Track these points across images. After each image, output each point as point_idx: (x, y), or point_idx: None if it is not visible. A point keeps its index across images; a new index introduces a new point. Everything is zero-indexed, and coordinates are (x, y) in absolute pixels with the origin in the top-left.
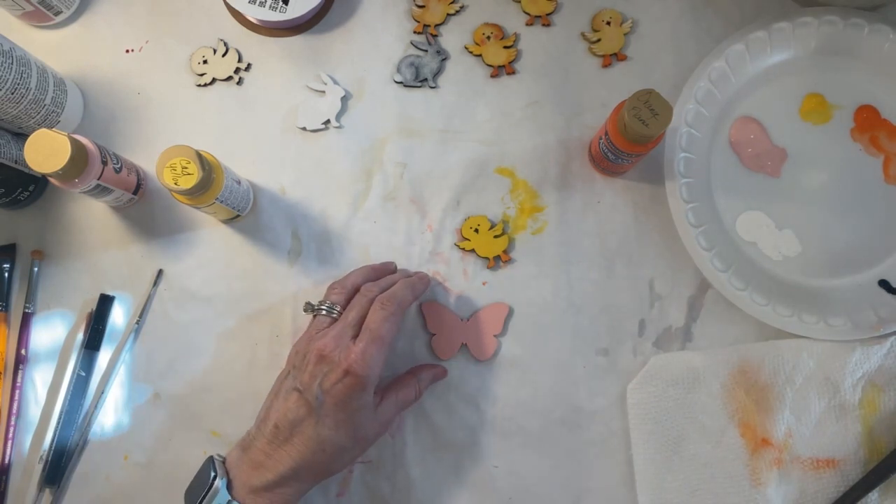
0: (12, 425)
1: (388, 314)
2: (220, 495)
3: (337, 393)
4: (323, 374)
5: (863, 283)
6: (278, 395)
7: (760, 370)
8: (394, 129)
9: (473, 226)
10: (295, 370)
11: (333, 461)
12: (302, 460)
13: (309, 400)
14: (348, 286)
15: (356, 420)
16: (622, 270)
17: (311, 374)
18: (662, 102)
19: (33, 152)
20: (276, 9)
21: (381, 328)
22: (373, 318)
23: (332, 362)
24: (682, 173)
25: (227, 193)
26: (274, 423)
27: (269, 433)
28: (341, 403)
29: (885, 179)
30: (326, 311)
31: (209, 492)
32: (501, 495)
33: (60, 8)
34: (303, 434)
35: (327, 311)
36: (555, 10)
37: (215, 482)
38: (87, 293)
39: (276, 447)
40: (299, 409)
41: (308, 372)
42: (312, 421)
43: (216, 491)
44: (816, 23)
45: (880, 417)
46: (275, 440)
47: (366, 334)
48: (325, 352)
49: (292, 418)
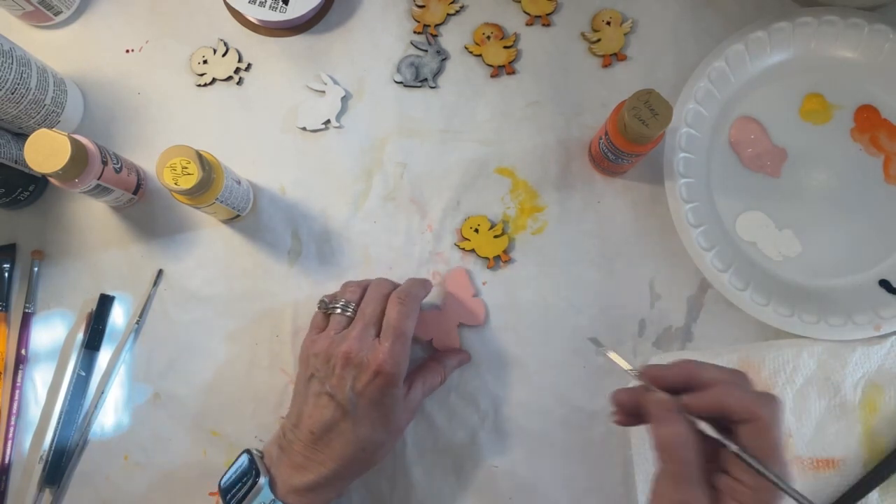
0: (12, 425)
1: (408, 310)
2: (263, 493)
3: (370, 394)
4: (353, 376)
5: (863, 283)
6: (307, 400)
7: (761, 370)
8: (394, 129)
9: (473, 226)
10: (320, 374)
11: (374, 457)
12: (343, 461)
13: (342, 403)
14: (362, 285)
15: (390, 416)
16: (622, 270)
17: (340, 377)
18: (662, 102)
19: (33, 152)
20: (276, 9)
21: (403, 324)
22: (393, 315)
23: (361, 364)
24: (681, 173)
25: (227, 193)
26: (309, 429)
27: (305, 438)
28: (375, 402)
29: (885, 179)
30: (341, 309)
31: (252, 489)
32: (501, 495)
33: (60, 8)
34: (341, 437)
35: (342, 309)
36: (555, 10)
37: (259, 480)
38: (87, 293)
39: (316, 451)
40: (334, 413)
41: (336, 375)
42: (349, 424)
43: (259, 489)
44: (816, 23)
45: (880, 417)
46: (313, 444)
47: (389, 332)
48: (352, 354)
49: (328, 423)
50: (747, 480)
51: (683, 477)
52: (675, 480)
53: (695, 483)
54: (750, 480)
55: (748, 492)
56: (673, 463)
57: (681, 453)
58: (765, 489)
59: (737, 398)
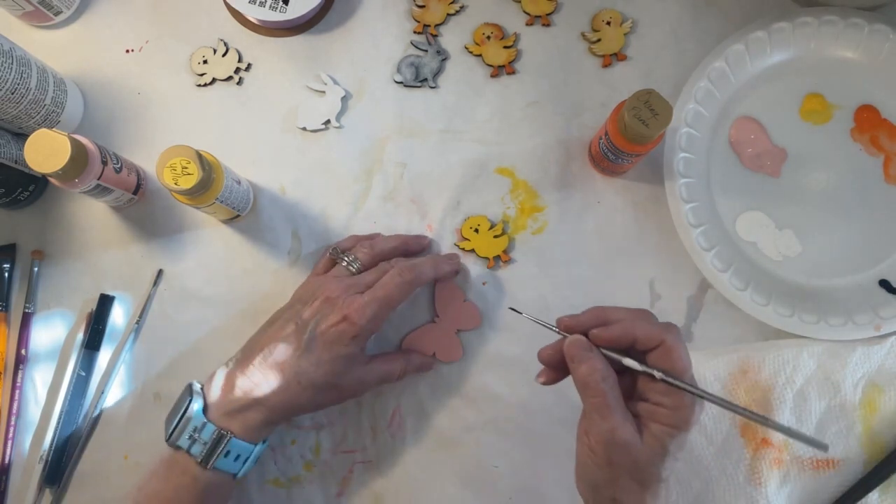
0: (12, 425)
1: (403, 281)
2: (195, 418)
3: (329, 335)
4: (323, 313)
5: (863, 283)
6: (274, 324)
7: (761, 370)
8: (394, 129)
9: (473, 226)
10: (299, 304)
11: (303, 397)
12: (276, 386)
13: (301, 334)
14: (376, 251)
15: (337, 366)
16: (622, 270)
17: (313, 310)
18: (662, 102)
19: (33, 152)
20: (276, 9)
21: (390, 291)
22: (386, 280)
23: (335, 306)
24: (681, 173)
25: (227, 193)
26: (262, 347)
27: (254, 357)
28: (329, 344)
29: (885, 179)
30: (347, 263)
31: (184, 415)
32: (501, 495)
33: (60, 8)
34: (285, 363)
35: (348, 263)
36: (555, 10)
37: (191, 405)
38: (87, 293)
39: (257, 371)
40: (291, 339)
41: (311, 308)
42: (297, 353)
43: (192, 414)
44: (816, 23)
45: (880, 417)
46: (258, 364)
47: (373, 291)
48: (332, 296)
49: (280, 347)
50: (666, 402)
51: (606, 407)
52: (599, 412)
53: (617, 411)
54: (668, 401)
55: (667, 412)
56: (594, 396)
57: (600, 386)
58: (681, 407)
59: (643, 328)
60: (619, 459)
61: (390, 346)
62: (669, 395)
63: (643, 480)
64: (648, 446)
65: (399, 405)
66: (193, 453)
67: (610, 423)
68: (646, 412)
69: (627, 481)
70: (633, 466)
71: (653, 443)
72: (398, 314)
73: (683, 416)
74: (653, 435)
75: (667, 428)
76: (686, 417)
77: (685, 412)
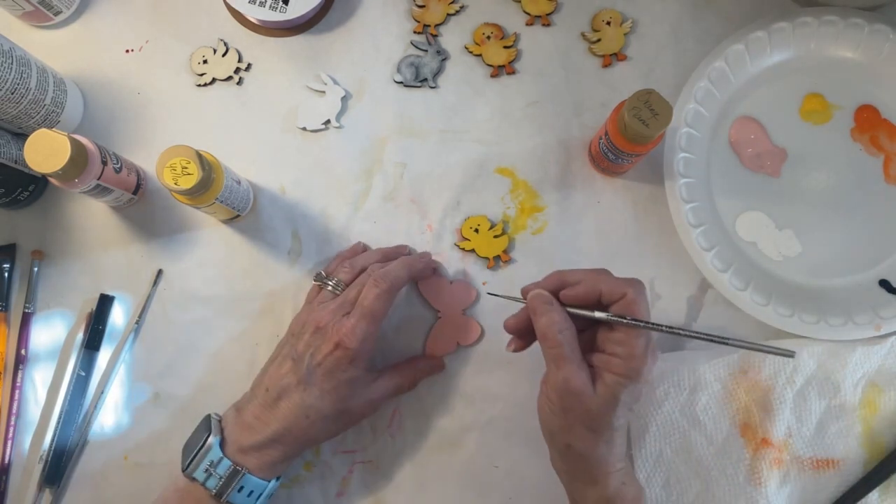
0: (12, 425)
1: (381, 291)
2: (213, 451)
3: (327, 364)
4: (316, 345)
5: (863, 283)
6: (274, 361)
7: (761, 370)
8: (394, 129)
9: (473, 226)
10: (293, 338)
11: (315, 429)
12: (287, 424)
13: (300, 368)
14: (357, 267)
15: (342, 392)
16: (622, 270)
17: (306, 343)
18: (662, 102)
19: (33, 152)
20: (276, 9)
21: (372, 305)
22: (365, 296)
23: (326, 334)
24: (681, 173)
25: (227, 193)
26: (266, 388)
27: (261, 397)
28: (329, 374)
29: (885, 179)
30: (332, 287)
31: (202, 448)
32: (501, 495)
33: (60, 8)
34: (290, 400)
35: (333, 287)
36: (555, 10)
37: (209, 440)
38: (87, 293)
39: (265, 410)
40: (290, 375)
41: (303, 342)
42: (300, 388)
43: (209, 448)
44: (816, 23)
45: (880, 417)
46: (265, 404)
47: (357, 310)
48: (321, 324)
49: (283, 384)
50: (619, 352)
51: (562, 357)
52: (555, 362)
53: (573, 361)
54: (621, 351)
55: (620, 362)
56: (552, 347)
57: (557, 337)
58: (633, 357)
59: (607, 282)
60: (572, 407)
61: (402, 357)
62: (623, 345)
63: (595, 428)
64: (600, 395)
65: (399, 405)
66: (209, 486)
67: (564, 373)
68: (601, 363)
69: (580, 428)
70: (585, 414)
71: (605, 392)
72: (404, 324)
73: (635, 367)
74: (605, 384)
75: (619, 377)
76: (637, 367)
77: (636, 362)
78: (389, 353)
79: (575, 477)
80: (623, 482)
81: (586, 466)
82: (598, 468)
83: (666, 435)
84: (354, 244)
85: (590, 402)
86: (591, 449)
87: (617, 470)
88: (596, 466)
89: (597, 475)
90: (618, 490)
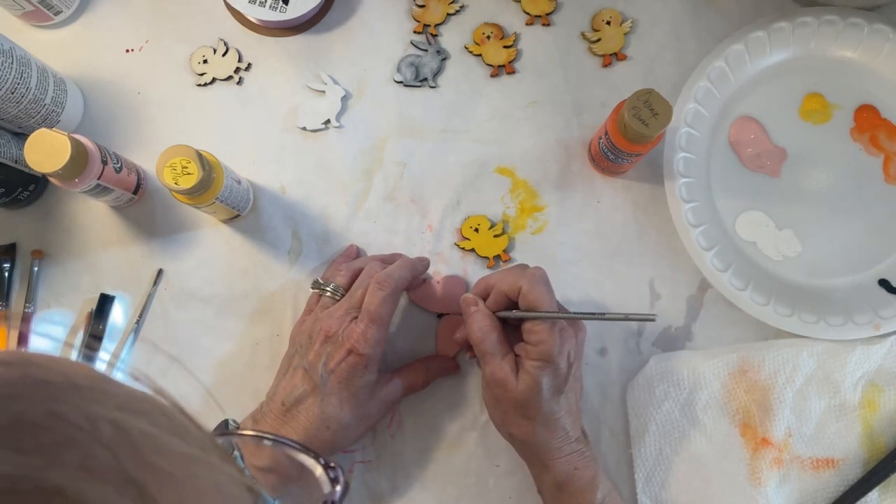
0: None
1: (386, 294)
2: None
3: (341, 372)
4: (327, 353)
5: (863, 283)
6: (286, 374)
7: (761, 370)
8: (394, 128)
9: (473, 225)
10: (301, 349)
11: (337, 438)
12: (306, 435)
13: (314, 378)
14: (353, 269)
15: (359, 398)
16: (622, 270)
17: (317, 353)
18: (662, 102)
19: (33, 152)
20: (276, 9)
21: (379, 309)
22: (370, 300)
23: (336, 342)
24: (681, 173)
25: (227, 193)
26: (280, 401)
27: (276, 409)
28: (344, 381)
29: (885, 179)
30: (331, 292)
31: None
32: (502, 495)
33: (60, 8)
34: (308, 411)
35: (332, 293)
36: (555, 10)
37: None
38: (87, 293)
39: (283, 423)
40: (304, 386)
41: (314, 351)
42: (317, 398)
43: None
44: (816, 23)
45: (880, 417)
46: (282, 416)
47: (365, 315)
48: (330, 332)
49: (297, 395)
50: (531, 339)
51: (487, 353)
52: (482, 358)
53: (495, 355)
54: (532, 338)
55: (533, 348)
56: (477, 345)
57: (479, 336)
58: (542, 342)
59: (505, 282)
60: (501, 396)
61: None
62: (532, 332)
63: (527, 414)
64: (523, 382)
65: (399, 406)
66: None
67: (490, 367)
68: (521, 352)
69: (514, 416)
70: (514, 402)
71: (526, 379)
72: (408, 332)
73: (545, 350)
74: (526, 371)
75: (535, 362)
76: (548, 350)
77: (545, 346)
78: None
79: (530, 463)
80: (575, 467)
81: (531, 452)
82: (543, 453)
83: (666, 434)
84: (347, 248)
85: (514, 390)
86: (529, 435)
87: (565, 455)
88: (541, 452)
89: (545, 460)
90: (569, 474)
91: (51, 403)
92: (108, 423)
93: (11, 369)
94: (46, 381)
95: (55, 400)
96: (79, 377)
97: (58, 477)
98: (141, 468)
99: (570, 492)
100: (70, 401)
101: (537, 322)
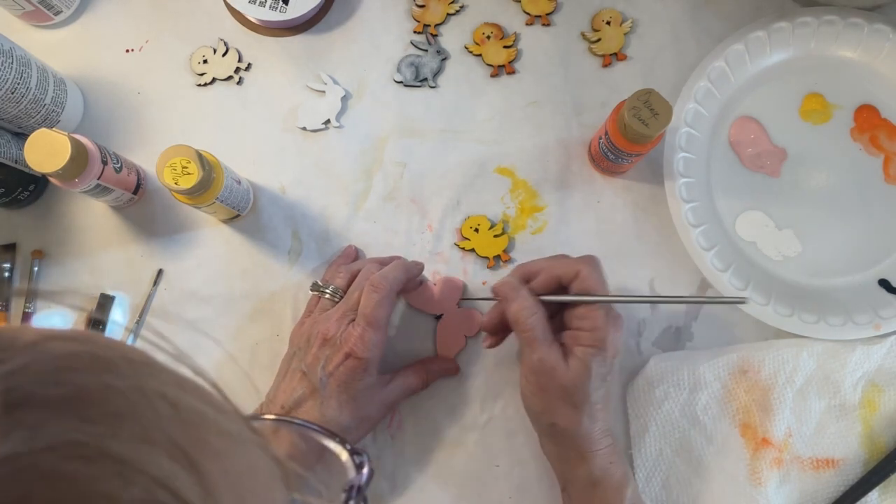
0: None
1: (381, 297)
2: None
3: (340, 375)
4: (326, 356)
5: (863, 283)
6: (285, 376)
7: (761, 370)
8: (394, 128)
9: (473, 225)
10: (300, 352)
11: None
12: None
13: (313, 381)
14: (352, 271)
15: (359, 401)
16: (622, 270)
17: (315, 356)
18: (662, 102)
19: (33, 152)
20: (276, 9)
21: (375, 312)
22: (365, 303)
23: (334, 345)
24: (681, 173)
25: (227, 193)
26: (280, 403)
27: (276, 412)
28: (343, 385)
29: (885, 179)
30: (330, 295)
31: None
32: (502, 495)
33: (60, 8)
34: (307, 414)
35: (331, 295)
36: (555, 10)
37: None
38: (87, 293)
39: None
40: (303, 388)
41: (312, 354)
42: (316, 402)
43: None
44: (816, 23)
45: (880, 417)
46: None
47: (361, 319)
48: (328, 335)
49: (297, 398)
50: (584, 325)
51: (534, 339)
52: (529, 344)
53: (544, 342)
54: (585, 324)
55: (586, 334)
56: (524, 331)
57: (529, 321)
58: (597, 328)
59: (560, 266)
60: (548, 384)
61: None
62: (585, 318)
63: (575, 402)
64: (573, 368)
65: (399, 406)
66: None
67: (538, 353)
68: (570, 339)
69: (560, 405)
70: (562, 389)
71: (577, 365)
72: (408, 335)
73: (600, 336)
74: (577, 358)
75: (587, 348)
76: (602, 336)
77: (600, 332)
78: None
79: (564, 458)
80: (611, 461)
81: (572, 443)
82: (584, 444)
83: (666, 434)
84: (346, 249)
85: (564, 376)
86: (574, 424)
87: (603, 448)
88: (582, 443)
89: (584, 452)
90: (605, 469)
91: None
92: (160, 397)
93: (76, 344)
94: (106, 357)
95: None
96: (135, 354)
97: (119, 446)
98: (191, 442)
99: (605, 487)
100: (128, 375)
101: (592, 307)
